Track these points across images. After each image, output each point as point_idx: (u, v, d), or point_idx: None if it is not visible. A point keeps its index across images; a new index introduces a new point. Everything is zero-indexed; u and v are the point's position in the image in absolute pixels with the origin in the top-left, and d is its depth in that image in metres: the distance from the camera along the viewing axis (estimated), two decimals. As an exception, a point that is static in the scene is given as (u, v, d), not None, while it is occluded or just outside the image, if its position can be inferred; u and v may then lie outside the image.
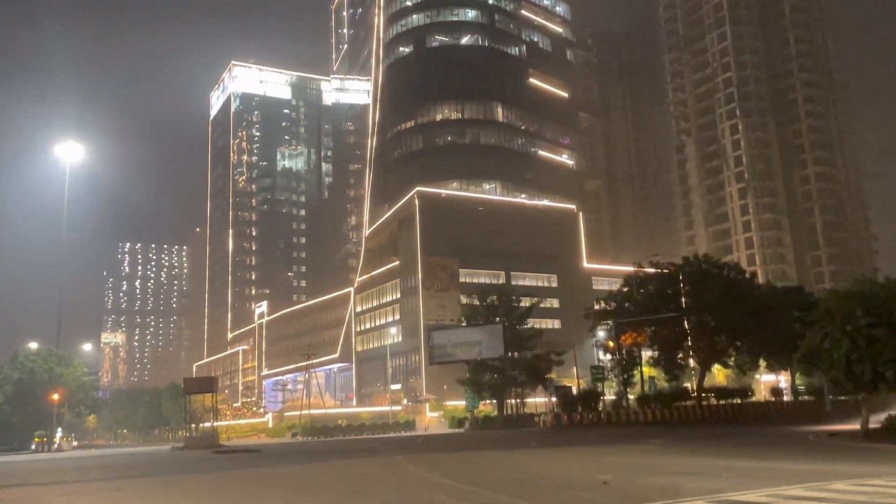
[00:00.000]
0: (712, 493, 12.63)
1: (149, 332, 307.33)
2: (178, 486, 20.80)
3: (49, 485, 22.61)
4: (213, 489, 19.13)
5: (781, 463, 19.49)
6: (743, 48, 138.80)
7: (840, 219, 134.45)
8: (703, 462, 20.92)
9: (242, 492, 17.96)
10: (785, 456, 22.03)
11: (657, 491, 13.28)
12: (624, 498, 12.56)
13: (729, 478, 15.51)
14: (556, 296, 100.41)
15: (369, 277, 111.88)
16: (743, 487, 13.19)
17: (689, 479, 15.58)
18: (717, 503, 11.60)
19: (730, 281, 56.52)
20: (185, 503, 16.25)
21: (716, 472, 17.32)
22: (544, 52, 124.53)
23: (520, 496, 13.54)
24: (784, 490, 12.65)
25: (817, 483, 13.44)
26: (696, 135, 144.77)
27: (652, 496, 12.49)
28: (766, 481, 14.05)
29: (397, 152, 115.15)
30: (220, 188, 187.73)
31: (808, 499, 11.70)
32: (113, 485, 21.91)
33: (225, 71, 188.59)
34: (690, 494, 12.57)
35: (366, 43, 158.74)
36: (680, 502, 11.82)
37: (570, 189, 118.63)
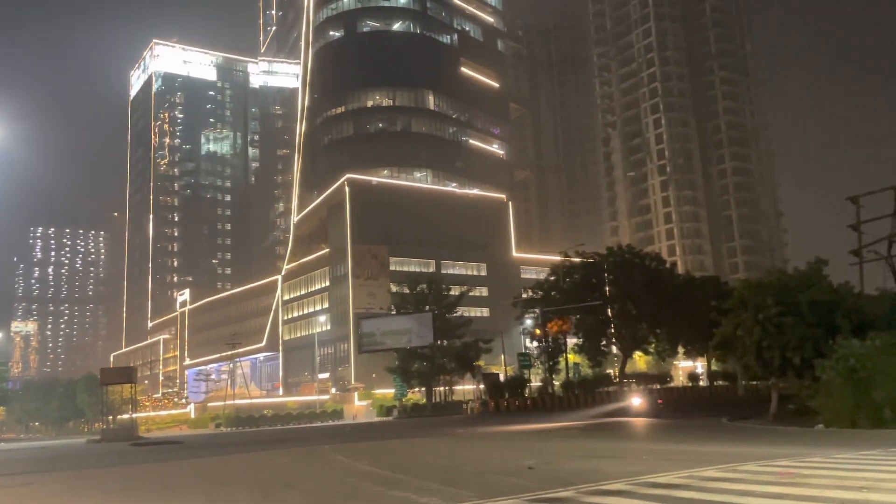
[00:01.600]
0: (632, 475, 13.02)
1: (63, 321, 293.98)
2: (93, 479, 20.04)
3: (-48, 482, 21.39)
4: (131, 482, 18.51)
5: (697, 445, 20.29)
6: (667, 44, 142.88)
7: (754, 212, 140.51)
8: (624, 446, 21.57)
9: (162, 484, 17.44)
10: (700, 439, 22.94)
11: (580, 474, 13.60)
12: (548, 482, 12.80)
13: (648, 461, 16.03)
14: (486, 284, 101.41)
15: (298, 265, 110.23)
16: (661, 469, 13.65)
17: (611, 463, 16.02)
18: (637, 485, 11.96)
19: (651, 270, 58.35)
20: (100, 497, 15.66)
21: (636, 455, 17.88)
22: (476, 42, 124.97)
23: (447, 482, 13.63)
24: (699, 471, 13.15)
25: (730, 464, 14.03)
26: (621, 128, 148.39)
27: (575, 480, 12.79)
28: (683, 463, 14.57)
29: (327, 138, 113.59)
30: (140, 171, 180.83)
31: (721, 479, 12.20)
32: (22, 479, 20.91)
33: (146, 49, 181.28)
34: (611, 477, 12.92)
35: (295, 25, 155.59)
36: (601, 485, 12.13)
37: (500, 178, 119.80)
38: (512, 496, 11.41)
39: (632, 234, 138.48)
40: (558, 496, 11.26)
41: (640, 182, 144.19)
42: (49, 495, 16.85)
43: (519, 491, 11.94)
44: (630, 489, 11.61)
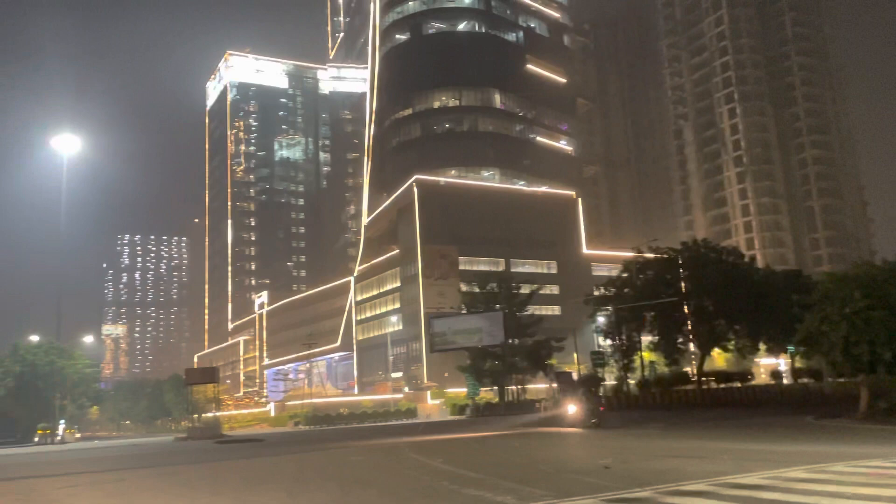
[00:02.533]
0: (713, 475, 12.70)
1: (150, 324, 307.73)
2: (181, 475, 20.90)
3: (51, 477, 22.72)
4: (216, 479, 19.23)
5: (782, 445, 19.60)
6: (740, 32, 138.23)
7: (837, 201, 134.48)
8: (704, 445, 21.03)
9: (245, 481, 18.05)
10: (785, 438, 22.15)
11: (658, 474, 13.35)
12: (625, 481, 12.63)
13: (730, 461, 15.60)
14: (556, 282, 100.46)
15: (369, 266, 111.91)
16: (744, 470, 13.27)
17: (691, 463, 15.66)
18: (719, 486, 11.67)
19: (728, 265, 56.59)
20: (187, 493, 16.34)
21: (717, 455, 17.41)
22: (542, 38, 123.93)
23: (522, 481, 13.62)
24: (784, 472, 12.72)
25: (818, 465, 13.52)
26: (693, 119, 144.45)
27: (653, 480, 12.57)
28: (767, 464, 14.13)
29: (395, 140, 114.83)
30: (217, 179, 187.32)
31: (808, 480, 11.77)
32: (116, 476, 22.01)
33: (221, 61, 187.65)
34: (692, 477, 12.64)
35: (362, 31, 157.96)
36: (682, 485, 11.89)
37: (568, 175, 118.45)
38: (588, 496, 11.31)
39: (707, 227, 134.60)
40: (636, 496, 11.11)
41: (714, 174, 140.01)
42: (139, 490, 17.69)
43: (595, 490, 11.83)
44: (711, 490, 11.35)
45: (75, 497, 16.70)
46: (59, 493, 17.49)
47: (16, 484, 20.75)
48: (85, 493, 17.45)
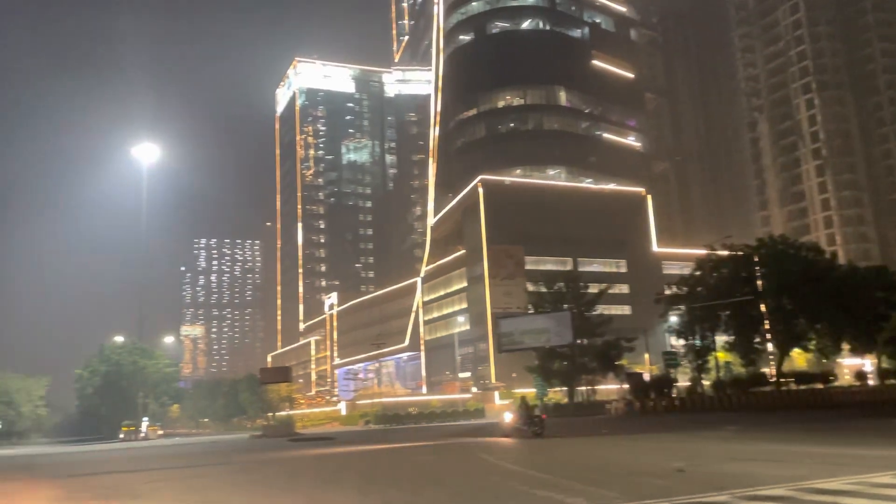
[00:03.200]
0: (793, 480, 12.25)
1: (225, 325, 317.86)
2: (257, 472, 21.52)
3: (136, 472, 23.76)
4: (290, 476, 19.72)
5: (868, 449, 18.73)
6: (817, 19, 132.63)
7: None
8: (782, 449, 20.28)
9: (317, 478, 18.45)
10: (871, 442, 21.15)
11: (734, 478, 12.97)
12: (699, 485, 12.31)
13: (811, 465, 15.02)
14: (626, 281, 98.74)
15: (435, 267, 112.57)
16: (826, 475, 12.75)
17: (768, 467, 15.16)
18: (799, 491, 11.25)
19: (808, 262, 54.47)
20: (262, 489, 16.81)
21: (797, 459, 16.78)
22: (607, 33, 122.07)
23: (593, 483, 13.46)
24: (871, 478, 12.16)
25: (907, 471, 12.86)
26: (768, 111, 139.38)
27: (729, 484, 12.22)
28: (852, 468, 13.53)
29: (460, 141, 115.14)
30: (288, 183, 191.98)
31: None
32: (195, 472, 22.84)
33: (290, 67, 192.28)
34: (769, 482, 12.23)
35: (426, 33, 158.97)
36: (759, 490, 11.51)
37: (637, 172, 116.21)
38: (661, 499, 11.09)
39: (784, 223, 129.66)
40: (712, 500, 10.82)
41: (792, 168, 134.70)
42: (218, 486, 18.31)
43: (668, 494, 11.58)
44: (792, 495, 10.95)
45: (157, 492, 17.41)
46: (144, 488, 18.28)
47: (103, 479, 21.79)
48: (166, 488, 18.18)
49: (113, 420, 75.18)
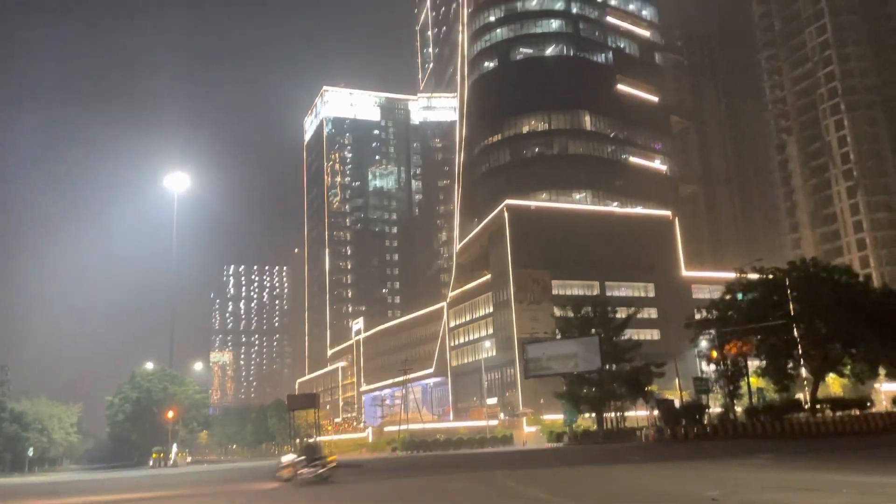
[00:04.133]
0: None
1: (253, 351, 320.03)
2: (282, 500, 21.48)
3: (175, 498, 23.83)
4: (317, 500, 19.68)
5: (908, 479, 18.16)
6: (845, 40, 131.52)
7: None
8: (819, 477, 19.74)
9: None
10: (912, 471, 20.51)
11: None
12: (734, 515, 12.02)
13: (849, 494, 14.60)
14: (654, 305, 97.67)
15: (461, 292, 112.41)
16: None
17: (805, 496, 14.77)
18: (837, 521, 10.94)
19: (841, 285, 53.43)
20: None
21: (834, 487, 16.32)
22: (632, 58, 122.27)
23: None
24: (912, 508, 11.78)
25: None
26: (797, 133, 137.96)
27: (764, 513, 11.91)
28: (892, 498, 13.12)
29: (485, 166, 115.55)
30: (315, 210, 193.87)
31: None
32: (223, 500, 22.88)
33: (317, 96, 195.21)
34: (807, 512, 11.90)
35: (451, 60, 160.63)
36: (795, 520, 11.21)
37: (664, 195, 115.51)
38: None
39: (816, 246, 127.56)
40: (746, 530, 10.55)
41: (822, 189, 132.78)
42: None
43: (702, 523, 11.32)
44: (829, 525, 10.64)
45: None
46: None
47: None
48: None
49: (144, 446, 75.76)
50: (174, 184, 72.06)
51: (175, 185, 72.07)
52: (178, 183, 72.15)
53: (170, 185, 72.15)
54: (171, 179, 72.08)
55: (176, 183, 72.08)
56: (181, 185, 72.35)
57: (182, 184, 72.39)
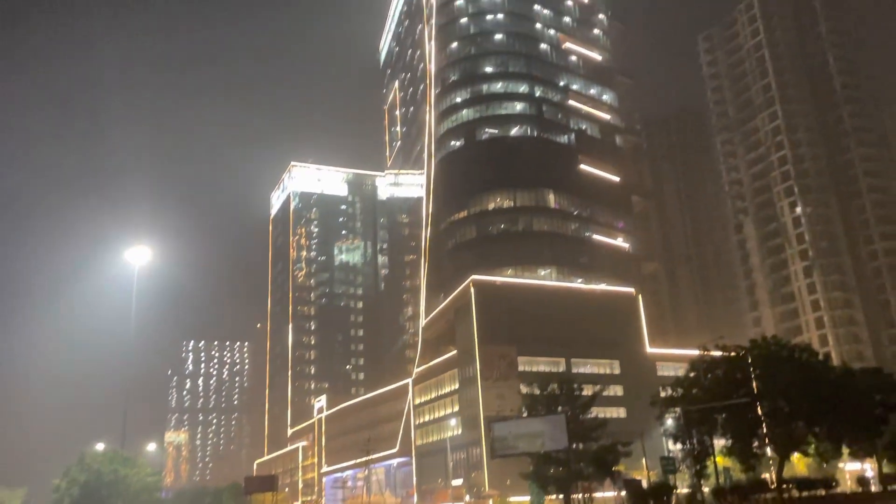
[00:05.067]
0: None
1: (211, 430, 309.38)
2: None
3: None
4: None
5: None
6: (796, 126, 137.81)
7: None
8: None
9: None
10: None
11: None
12: None
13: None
14: (620, 382, 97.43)
15: (427, 368, 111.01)
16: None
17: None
18: None
19: (802, 363, 53.96)
20: None
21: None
22: (593, 139, 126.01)
23: None
24: None
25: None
26: (754, 214, 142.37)
27: None
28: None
29: (451, 242, 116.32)
30: (280, 284, 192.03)
31: None
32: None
33: (285, 172, 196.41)
34: None
35: (418, 139, 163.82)
36: None
37: (627, 272, 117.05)
38: None
39: (776, 324, 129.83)
40: None
41: (780, 269, 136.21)
42: None
43: None
44: None
45: None
46: None
47: None
48: None
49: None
50: (135, 257, 70.83)
51: (136, 258, 70.84)
52: (139, 256, 70.95)
53: (131, 258, 70.89)
54: (133, 253, 70.89)
55: (137, 256, 70.87)
56: (142, 258, 71.11)
57: (143, 257, 71.17)
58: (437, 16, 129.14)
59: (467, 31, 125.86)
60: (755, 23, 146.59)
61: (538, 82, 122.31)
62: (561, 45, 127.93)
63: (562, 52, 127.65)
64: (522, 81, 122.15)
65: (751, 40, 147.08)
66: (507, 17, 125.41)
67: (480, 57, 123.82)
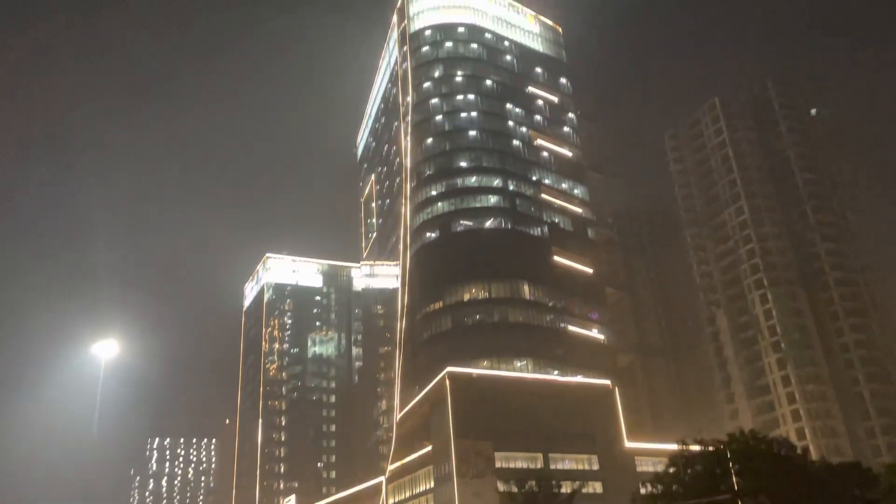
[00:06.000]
0: None
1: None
2: None
3: None
4: None
5: None
6: (762, 221, 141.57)
7: (887, 387, 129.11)
8: None
9: None
10: None
11: None
12: None
13: None
14: (599, 479, 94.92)
15: (401, 465, 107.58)
16: None
17: None
18: None
19: (781, 458, 53.37)
20: None
21: None
22: (566, 232, 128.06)
23: None
24: None
25: None
26: (726, 306, 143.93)
27: None
28: None
29: (427, 333, 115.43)
30: (250, 377, 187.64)
31: None
32: None
33: (259, 263, 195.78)
34: None
35: (394, 230, 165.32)
36: None
37: (603, 364, 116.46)
38: None
39: (753, 416, 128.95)
40: None
41: (754, 361, 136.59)
42: None
43: None
44: None
45: None
46: None
47: None
48: None
49: None
50: (102, 351, 69.16)
51: (103, 352, 69.16)
52: (106, 350, 69.29)
53: (98, 351, 69.21)
54: (100, 347, 69.25)
55: (104, 350, 69.21)
56: (110, 352, 69.48)
57: (111, 351, 69.55)
58: (413, 113, 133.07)
59: (442, 128, 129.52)
60: (718, 122, 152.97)
61: (511, 177, 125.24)
62: (533, 142, 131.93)
63: (534, 148, 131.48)
64: (496, 176, 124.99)
65: (715, 139, 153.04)
66: (480, 115, 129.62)
67: (455, 152, 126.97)
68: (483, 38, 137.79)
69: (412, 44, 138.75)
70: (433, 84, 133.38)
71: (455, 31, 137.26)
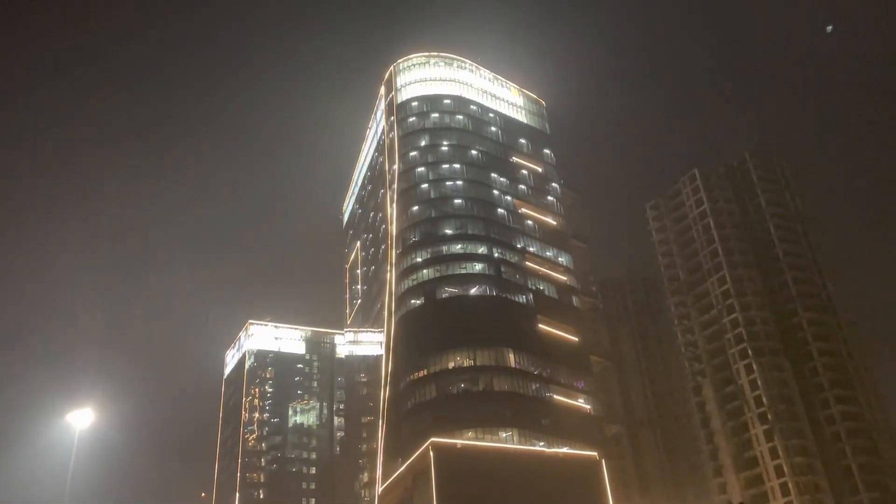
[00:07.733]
0: None
1: None
2: None
3: None
4: None
5: None
6: (744, 290, 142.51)
7: (875, 459, 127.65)
8: None
9: None
10: None
11: None
12: None
13: None
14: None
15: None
16: None
17: None
18: None
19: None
20: None
21: None
22: (551, 299, 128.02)
23: None
24: None
25: None
26: (711, 375, 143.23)
27: None
28: None
29: (410, 402, 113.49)
30: (229, 448, 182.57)
31: None
32: None
33: (241, 330, 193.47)
34: None
35: (378, 297, 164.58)
36: None
37: (589, 434, 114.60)
38: None
39: (742, 490, 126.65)
40: None
41: (741, 432, 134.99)
42: None
43: None
44: None
45: None
46: None
47: None
48: None
49: None
50: (77, 420, 66.85)
51: (78, 421, 66.84)
52: (81, 419, 66.98)
53: (73, 421, 66.89)
54: (75, 416, 66.97)
55: (79, 419, 66.91)
56: (84, 421, 67.16)
57: (86, 420, 67.24)
58: (399, 181, 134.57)
59: (428, 196, 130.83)
60: (698, 193, 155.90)
61: (496, 244, 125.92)
62: (518, 210, 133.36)
63: (518, 216, 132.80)
64: (481, 243, 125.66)
65: (695, 209, 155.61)
66: (465, 184, 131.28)
67: (440, 219, 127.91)
68: (468, 110, 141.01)
69: (399, 114, 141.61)
70: (419, 153, 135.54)
71: (441, 103, 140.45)
